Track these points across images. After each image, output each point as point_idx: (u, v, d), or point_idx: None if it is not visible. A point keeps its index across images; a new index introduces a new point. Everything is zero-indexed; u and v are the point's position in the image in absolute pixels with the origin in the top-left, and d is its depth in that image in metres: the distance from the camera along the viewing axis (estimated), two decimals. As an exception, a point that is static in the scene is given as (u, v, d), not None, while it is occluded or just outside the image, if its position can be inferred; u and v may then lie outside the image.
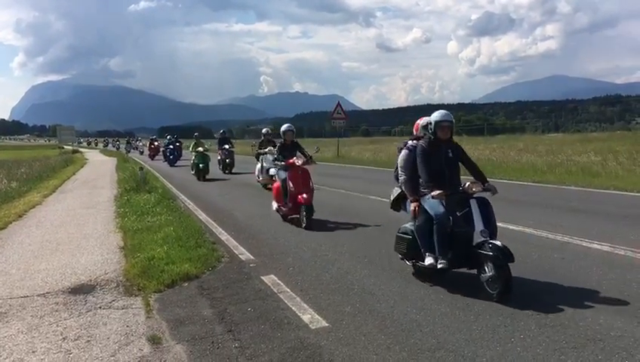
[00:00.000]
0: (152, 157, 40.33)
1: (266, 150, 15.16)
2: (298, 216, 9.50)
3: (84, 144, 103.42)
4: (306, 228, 9.11)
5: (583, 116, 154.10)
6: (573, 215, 9.91)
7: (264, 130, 17.60)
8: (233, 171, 22.69)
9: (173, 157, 31.07)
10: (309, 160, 10.15)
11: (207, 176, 20.28)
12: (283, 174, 9.94)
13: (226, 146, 22.94)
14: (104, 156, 48.38)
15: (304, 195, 9.32)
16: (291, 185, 9.51)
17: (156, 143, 42.43)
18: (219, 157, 23.16)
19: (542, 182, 15.54)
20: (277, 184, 10.23)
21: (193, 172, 21.13)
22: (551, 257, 6.65)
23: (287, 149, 10.33)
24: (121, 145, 67.13)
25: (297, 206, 9.42)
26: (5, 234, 9.47)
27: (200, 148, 21.02)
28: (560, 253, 6.83)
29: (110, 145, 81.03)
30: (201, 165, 20.10)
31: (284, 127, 10.63)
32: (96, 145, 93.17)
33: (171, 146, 31.54)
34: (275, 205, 10.19)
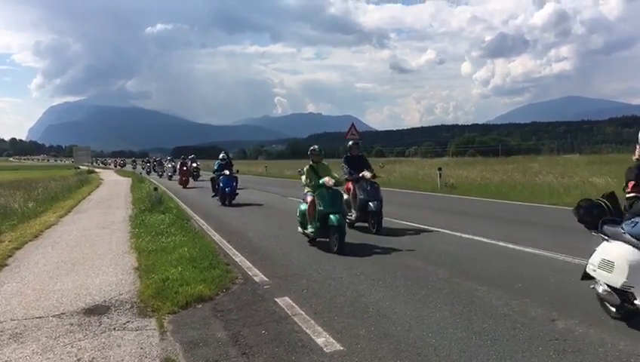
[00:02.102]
0: (183, 183, 29.32)
1: None
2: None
3: (112, 165, 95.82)
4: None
5: (599, 137, 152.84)
6: (590, 238, 9.74)
7: None
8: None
9: (230, 189, 18.39)
10: None
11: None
12: None
13: (367, 174, 11.34)
14: (119, 176, 48.80)
15: None
16: None
17: (195, 165, 33.35)
18: (346, 197, 10.80)
19: (558, 204, 15.37)
20: None
21: (305, 231, 9.84)
22: (569, 281, 6.55)
23: None
24: (151, 168, 54.00)
25: None
26: (21, 254, 9.56)
27: (326, 180, 9.47)
28: (578, 277, 6.71)
29: (139, 166, 69.04)
30: (333, 217, 9.06)
31: None
32: (122, 167, 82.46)
33: (226, 171, 18.99)
34: None
